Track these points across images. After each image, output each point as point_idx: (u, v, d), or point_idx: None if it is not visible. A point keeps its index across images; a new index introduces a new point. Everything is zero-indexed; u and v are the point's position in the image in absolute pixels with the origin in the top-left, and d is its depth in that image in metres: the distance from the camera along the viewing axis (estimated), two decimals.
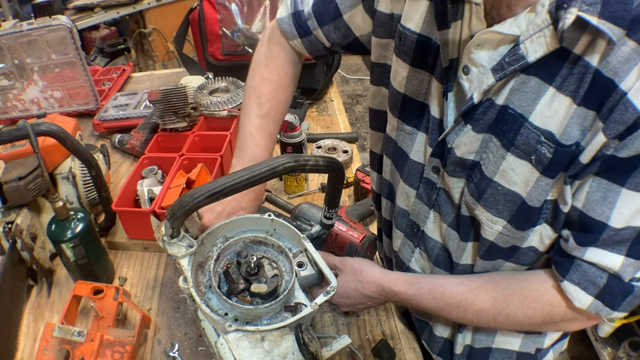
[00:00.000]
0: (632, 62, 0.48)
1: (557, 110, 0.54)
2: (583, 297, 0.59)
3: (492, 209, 0.63)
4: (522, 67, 0.54)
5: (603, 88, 0.50)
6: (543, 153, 0.55)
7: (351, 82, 4.29)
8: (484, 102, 0.59)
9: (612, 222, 0.54)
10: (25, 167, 0.95)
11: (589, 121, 0.52)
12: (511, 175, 0.59)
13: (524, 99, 0.56)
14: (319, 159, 0.72)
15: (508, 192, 0.60)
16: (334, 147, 1.34)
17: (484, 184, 0.62)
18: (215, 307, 0.69)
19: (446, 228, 0.73)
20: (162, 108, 1.22)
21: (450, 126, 0.64)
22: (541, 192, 0.58)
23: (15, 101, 1.51)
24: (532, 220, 0.61)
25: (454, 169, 0.66)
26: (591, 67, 0.50)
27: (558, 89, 0.53)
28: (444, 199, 0.71)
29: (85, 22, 2.57)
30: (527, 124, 0.56)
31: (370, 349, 0.83)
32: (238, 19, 1.50)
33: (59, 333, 0.74)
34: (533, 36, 0.52)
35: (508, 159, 0.59)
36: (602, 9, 0.47)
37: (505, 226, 0.63)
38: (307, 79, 1.60)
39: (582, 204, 0.56)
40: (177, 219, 0.66)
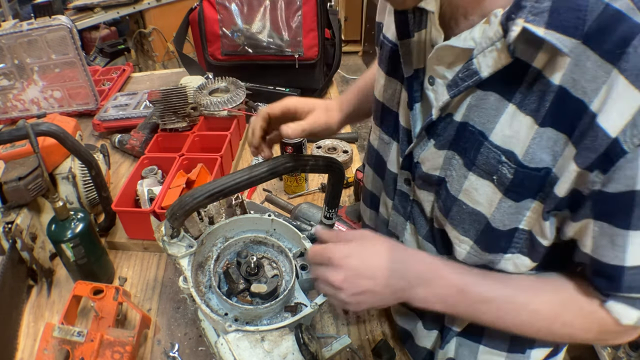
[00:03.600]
0: (600, 79, 0.43)
1: (518, 129, 0.50)
2: (633, 314, 0.54)
3: (459, 227, 0.60)
4: (476, 82, 0.51)
5: (573, 110, 0.45)
6: (504, 174, 0.52)
7: (351, 82, 4.28)
8: (444, 118, 0.57)
9: (628, 262, 0.49)
10: (25, 167, 0.95)
11: (560, 145, 0.48)
12: (474, 194, 0.56)
13: (483, 115, 0.53)
14: (319, 159, 0.72)
15: (473, 212, 0.57)
16: (334, 147, 1.34)
17: (449, 201, 0.60)
18: (215, 307, 0.69)
19: (422, 240, 0.70)
20: (162, 108, 1.22)
21: (415, 141, 0.62)
22: (505, 215, 0.54)
23: (15, 101, 1.51)
24: (499, 244, 0.57)
25: (422, 184, 0.64)
26: (552, 85, 0.46)
27: (518, 106, 0.50)
28: (418, 212, 0.69)
29: (85, 22, 2.57)
30: (487, 142, 0.53)
31: (370, 349, 0.83)
32: (238, 19, 1.49)
33: (59, 333, 0.74)
34: (486, 50, 0.49)
35: (470, 178, 0.56)
36: (550, 18, 0.44)
37: (472, 246, 0.60)
38: (307, 79, 1.60)
39: (590, 249, 0.52)
40: (177, 219, 0.66)
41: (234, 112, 1.30)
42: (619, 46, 0.42)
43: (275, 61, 1.55)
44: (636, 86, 0.41)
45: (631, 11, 0.42)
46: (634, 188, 0.45)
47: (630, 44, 0.41)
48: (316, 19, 1.48)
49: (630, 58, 0.41)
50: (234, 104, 1.29)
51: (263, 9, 1.48)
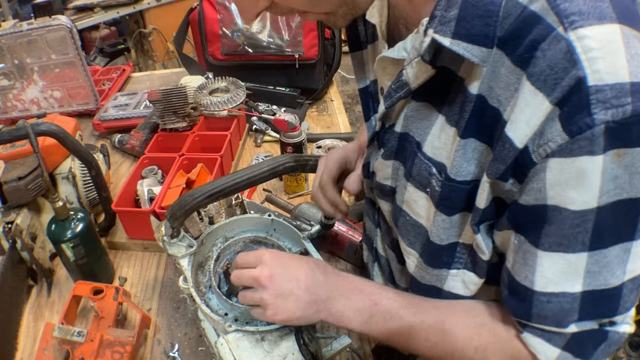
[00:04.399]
0: (512, 86, 0.41)
1: (446, 141, 0.49)
2: (548, 351, 0.49)
3: (406, 238, 0.60)
4: (407, 94, 0.50)
5: (490, 119, 0.44)
6: (434, 186, 0.51)
7: (351, 82, 4.28)
8: (387, 129, 0.57)
9: (537, 286, 0.46)
10: (25, 167, 0.95)
11: (484, 157, 0.46)
12: (414, 206, 0.56)
13: (420, 126, 0.52)
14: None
15: (415, 223, 0.57)
16: (334, 147, 1.34)
17: (397, 211, 0.60)
18: (215, 307, 0.69)
19: (387, 248, 0.71)
20: (162, 108, 1.22)
21: (367, 150, 0.63)
22: (441, 229, 0.53)
23: (15, 101, 1.51)
24: (441, 259, 0.56)
25: (379, 193, 0.65)
26: (470, 95, 0.45)
27: (446, 117, 0.48)
28: (382, 220, 0.69)
29: (85, 22, 2.57)
30: (420, 154, 0.52)
31: (370, 349, 0.83)
32: (238, 19, 1.49)
33: (58, 333, 0.74)
34: (413, 61, 0.47)
35: (409, 189, 0.55)
36: (457, 27, 0.42)
37: (418, 259, 0.59)
38: (307, 79, 1.60)
39: (511, 264, 0.49)
40: (177, 219, 0.66)
41: (234, 112, 1.30)
42: (528, 50, 0.39)
43: (275, 61, 1.55)
44: (543, 92, 0.38)
45: (545, 12, 0.39)
46: (545, 202, 0.42)
47: (538, 47, 0.39)
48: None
49: (538, 62, 0.39)
50: (234, 104, 1.29)
51: None
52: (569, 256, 0.44)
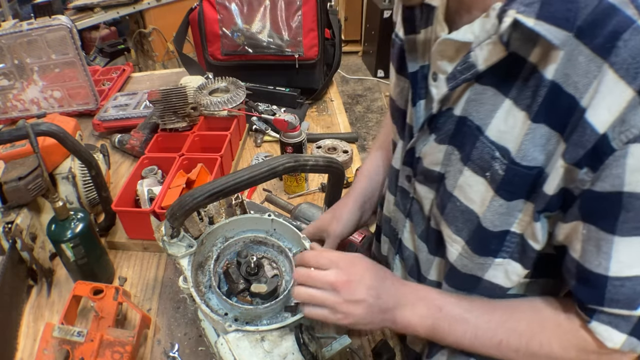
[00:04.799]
0: (591, 74, 0.42)
1: (513, 125, 0.49)
2: (616, 337, 0.52)
3: (452, 225, 0.59)
4: (474, 75, 0.51)
5: (565, 106, 0.45)
6: (496, 170, 0.51)
7: (351, 82, 4.29)
8: (444, 112, 0.57)
9: (612, 272, 0.48)
10: (25, 167, 0.95)
11: (552, 144, 0.47)
12: (468, 191, 0.56)
13: (481, 110, 0.52)
14: (319, 159, 0.72)
15: (466, 209, 0.57)
16: (334, 147, 1.34)
17: (445, 197, 0.59)
18: (215, 307, 0.69)
19: (417, 239, 0.70)
20: (162, 108, 1.22)
21: (417, 135, 0.62)
22: (496, 215, 0.54)
23: (15, 101, 1.51)
24: (490, 247, 0.56)
25: (423, 179, 0.64)
26: (545, 80, 0.46)
27: (514, 101, 0.49)
28: (416, 210, 0.69)
29: (85, 22, 2.57)
30: (483, 137, 0.52)
31: (370, 349, 0.83)
32: (238, 19, 1.50)
33: (58, 333, 0.74)
34: (483, 43, 0.48)
35: (465, 174, 0.55)
36: (541, 9, 0.43)
37: (463, 247, 0.59)
38: (307, 79, 1.60)
39: (579, 254, 0.50)
40: (177, 219, 0.66)
41: (234, 112, 1.30)
42: (609, 40, 0.41)
43: (275, 61, 1.55)
44: (625, 80, 0.40)
45: (624, 4, 0.41)
46: (621, 189, 0.43)
47: (620, 38, 0.40)
48: (316, 19, 1.48)
49: (620, 52, 0.41)
50: (234, 104, 1.29)
51: (263, 8, 1.48)
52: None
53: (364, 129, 3.55)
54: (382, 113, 3.74)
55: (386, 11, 3.89)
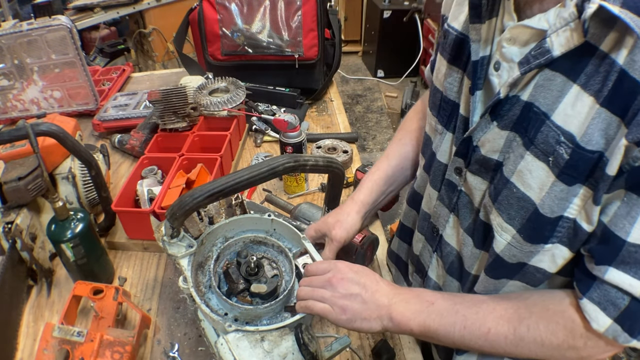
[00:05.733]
0: None
1: (580, 110, 0.51)
2: (602, 319, 0.54)
3: (505, 213, 0.60)
4: (547, 61, 0.52)
5: (629, 90, 0.46)
6: (560, 154, 0.53)
7: (351, 82, 4.29)
8: (510, 98, 0.58)
9: (631, 237, 0.50)
10: (25, 167, 0.95)
11: (613, 128, 0.49)
12: (527, 177, 0.57)
13: (548, 96, 0.54)
14: (319, 159, 0.72)
15: (523, 197, 0.58)
16: (333, 147, 1.34)
17: (501, 184, 0.60)
18: (215, 307, 0.69)
19: (462, 233, 0.71)
20: (162, 108, 1.22)
21: (477, 122, 0.63)
22: (555, 200, 0.55)
23: (15, 101, 1.51)
24: (543, 234, 0.57)
25: (479, 169, 0.65)
26: (616, 65, 0.48)
27: (583, 87, 0.51)
28: (464, 202, 0.70)
29: (85, 22, 2.57)
30: (549, 122, 0.54)
31: (370, 349, 0.83)
32: (238, 19, 1.50)
33: (58, 333, 0.74)
34: (559, 30, 0.51)
35: (527, 159, 0.57)
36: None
37: (514, 236, 0.60)
38: (307, 79, 1.60)
39: (609, 218, 0.52)
40: (177, 219, 0.66)
41: (234, 112, 1.30)
42: None
43: (275, 61, 1.55)
44: None
45: None
46: None
47: None
48: (316, 19, 1.49)
49: None
50: (234, 104, 1.29)
51: (263, 9, 1.48)
52: None
53: (363, 129, 3.55)
54: (382, 113, 3.74)
55: (386, 11, 3.89)
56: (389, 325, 0.65)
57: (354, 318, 0.64)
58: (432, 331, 0.64)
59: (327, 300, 0.65)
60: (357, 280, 0.66)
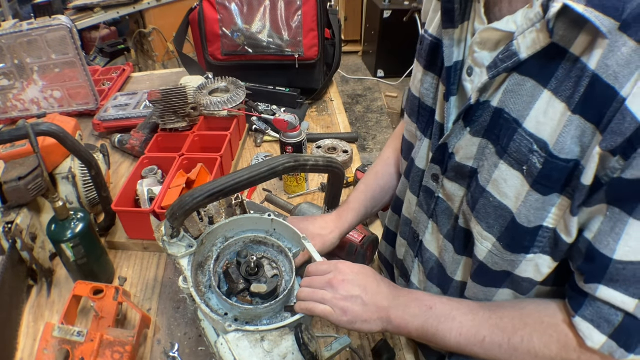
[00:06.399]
0: (633, 64, 0.43)
1: (552, 117, 0.49)
2: (596, 336, 0.52)
3: (483, 222, 0.59)
4: (515, 64, 0.51)
5: (603, 96, 0.45)
6: (534, 163, 0.51)
7: (351, 82, 4.29)
8: (481, 104, 0.57)
9: (617, 255, 0.48)
10: (25, 167, 0.95)
11: (588, 136, 0.47)
12: (503, 185, 0.55)
13: (519, 102, 0.52)
14: (319, 159, 0.72)
15: (499, 205, 0.56)
16: (334, 147, 1.34)
17: (477, 193, 0.59)
18: (215, 307, 0.69)
19: (443, 239, 0.70)
20: (162, 108, 1.22)
21: (451, 129, 0.62)
22: (531, 210, 0.53)
23: (15, 101, 1.51)
24: (522, 244, 0.56)
25: (455, 176, 0.64)
26: (588, 70, 0.46)
27: (554, 93, 0.49)
28: (442, 209, 0.69)
29: (85, 22, 2.57)
30: (521, 130, 0.52)
31: (370, 349, 0.83)
32: (238, 19, 1.50)
33: (58, 333, 0.74)
34: (526, 31, 0.49)
35: (501, 168, 0.55)
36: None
37: (494, 244, 0.59)
38: (307, 79, 1.60)
39: (593, 235, 0.50)
40: (177, 219, 0.66)
41: (234, 112, 1.30)
42: None
43: (275, 61, 1.55)
44: None
45: None
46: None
47: None
48: (316, 19, 1.49)
49: None
50: (234, 104, 1.29)
51: (263, 9, 1.48)
52: None
53: (364, 129, 3.55)
54: (382, 113, 3.74)
55: (386, 11, 3.89)
56: (388, 327, 0.65)
57: (354, 320, 0.64)
58: (430, 335, 0.64)
59: (327, 301, 0.65)
60: (358, 282, 0.66)
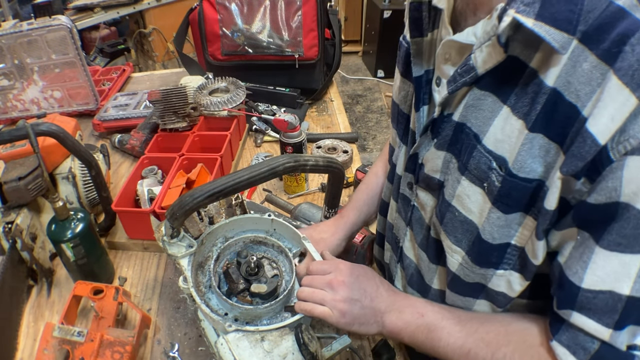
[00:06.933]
0: (594, 81, 0.40)
1: (510, 134, 0.47)
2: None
3: (452, 235, 0.58)
4: (473, 79, 0.49)
5: (565, 115, 0.42)
6: (493, 181, 0.49)
7: (351, 82, 4.28)
8: (445, 117, 0.56)
9: (585, 284, 0.46)
10: (25, 167, 0.95)
11: (551, 156, 0.44)
12: (466, 201, 0.54)
13: (480, 117, 0.50)
14: (319, 159, 0.72)
15: (465, 220, 0.55)
16: (334, 147, 1.34)
17: (444, 207, 0.58)
18: (215, 307, 0.69)
19: (417, 248, 0.70)
20: (162, 108, 1.22)
21: (419, 140, 0.61)
22: (495, 228, 0.52)
23: (15, 101, 1.51)
24: (489, 260, 0.55)
25: (426, 186, 0.63)
26: (545, 86, 0.43)
27: (512, 109, 0.47)
28: (417, 217, 0.68)
29: (85, 22, 2.57)
30: (480, 146, 0.50)
31: (370, 349, 0.83)
32: (238, 19, 1.50)
33: (59, 333, 0.74)
34: (483, 45, 0.46)
35: (463, 184, 0.54)
36: (541, 8, 0.41)
37: (464, 257, 0.58)
38: (307, 79, 1.60)
39: (565, 259, 0.48)
40: (177, 219, 0.66)
41: (234, 112, 1.30)
42: (615, 44, 0.38)
43: (275, 61, 1.55)
44: (630, 88, 0.38)
45: (634, 8, 0.38)
46: (618, 200, 0.41)
47: (627, 42, 0.38)
48: (316, 19, 1.48)
49: (627, 57, 0.38)
50: (234, 104, 1.29)
51: (263, 9, 1.48)
52: (624, 257, 0.43)
53: (364, 129, 3.55)
54: (382, 113, 3.74)
55: (386, 11, 3.89)
56: (383, 331, 0.66)
57: (352, 322, 0.65)
58: (420, 343, 0.64)
59: (327, 303, 0.65)
60: (358, 285, 0.66)
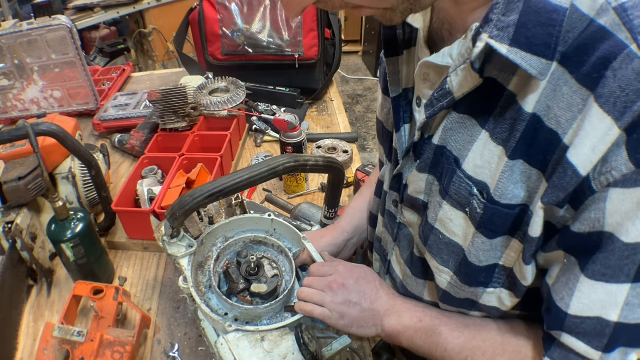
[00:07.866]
0: (575, 107, 0.37)
1: (490, 160, 0.45)
2: None
3: (437, 256, 0.57)
4: (450, 103, 0.46)
5: (546, 142, 0.40)
6: (474, 208, 0.48)
7: (351, 82, 4.28)
8: (426, 140, 0.54)
9: (572, 310, 0.45)
10: (25, 167, 0.95)
11: (534, 181, 0.43)
12: (450, 225, 0.52)
13: (459, 140, 0.48)
14: (319, 159, 0.72)
15: (450, 242, 0.53)
16: (334, 147, 1.34)
17: (427, 229, 0.56)
18: (215, 307, 0.69)
19: (403, 264, 0.69)
20: (162, 108, 1.22)
21: (402, 162, 0.60)
22: (480, 251, 0.50)
23: (15, 101, 1.51)
24: (478, 279, 0.54)
25: (410, 206, 0.62)
26: (524, 113, 0.41)
27: (491, 134, 0.45)
28: (404, 234, 0.67)
29: (85, 22, 2.57)
30: (460, 172, 0.48)
31: (370, 349, 0.83)
32: (238, 19, 1.50)
33: (59, 333, 0.74)
34: (459, 68, 0.44)
35: (445, 208, 0.52)
36: (516, 34, 0.38)
37: (452, 277, 0.57)
38: (307, 79, 1.60)
39: (552, 281, 0.48)
40: (177, 219, 0.66)
41: (234, 112, 1.30)
42: (596, 69, 0.36)
43: (275, 61, 1.55)
44: (612, 116, 0.35)
45: (616, 28, 0.35)
46: (602, 230, 0.40)
47: (609, 67, 0.35)
48: (316, 18, 1.49)
49: (608, 83, 0.35)
50: (234, 104, 1.29)
51: (263, 8, 1.48)
52: (610, 286, 0.42)
53: (364, 129, 3.55)
54: None
55: None
56: (382, 334, 0.66)
57: (351, 324, 0.65)
58: (418, 347, 0.64)
59: (326, 304, 0.65)
60: (357, 288, 0.67)
